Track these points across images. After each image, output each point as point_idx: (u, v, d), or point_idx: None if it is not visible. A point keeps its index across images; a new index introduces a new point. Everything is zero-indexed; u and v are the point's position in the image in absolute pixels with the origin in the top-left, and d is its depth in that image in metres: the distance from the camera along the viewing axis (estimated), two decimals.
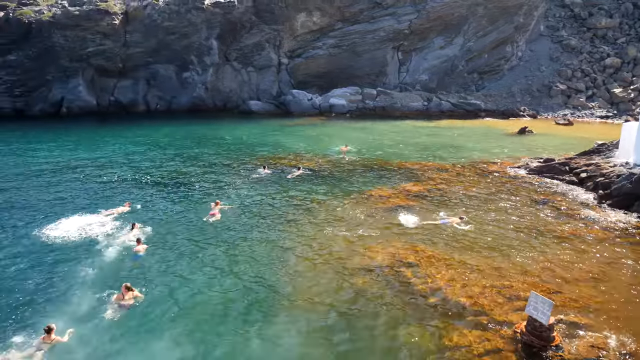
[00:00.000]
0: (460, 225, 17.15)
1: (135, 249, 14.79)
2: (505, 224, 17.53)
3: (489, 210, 19.07)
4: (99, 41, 53.87)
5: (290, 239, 16.08)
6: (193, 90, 59.13)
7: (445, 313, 11.38)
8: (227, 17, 57.65)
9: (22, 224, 17.40)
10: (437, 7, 61.30)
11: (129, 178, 24.71)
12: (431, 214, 18.50)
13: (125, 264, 14.17)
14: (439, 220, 17.73)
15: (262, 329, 10.84)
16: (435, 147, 34.17)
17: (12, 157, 29.67)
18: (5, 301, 11.98)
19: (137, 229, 16.52)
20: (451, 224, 17.29)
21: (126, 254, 14.79)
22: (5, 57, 52.20)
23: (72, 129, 43.03)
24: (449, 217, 17.98)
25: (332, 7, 60.83)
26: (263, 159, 29.47)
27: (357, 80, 62.31)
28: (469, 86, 64.25)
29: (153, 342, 10.40)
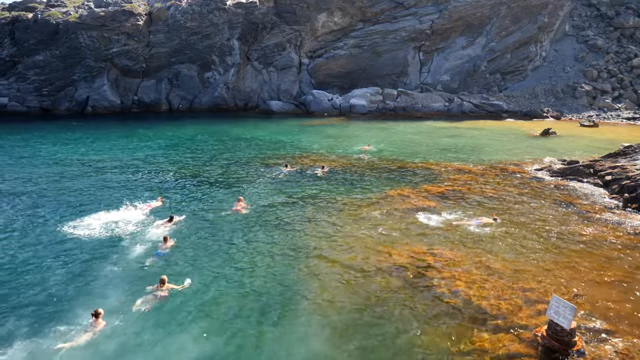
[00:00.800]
0: (493, 226, 17.01)
1: (161, 246, 15.12)
2: (527, 226, 17.30)
3: (511, 213, 18.84)
4: (124, 41, 54.84)
5: (309, 237, 16.14)
6: (214, 90, 59.73)
7: (464, 315, 11.30)
8: (249, 17, 58.10)
9: (59, 218, 17.91)
10: (459, 7, 60.79)
11: (156, 175, 25.25)
12: (456, 214, 18.36)
13: (154, 258, 14.51)
14: (471, 220, 17.60)
15: (282, 326, 10.92)
16: (456, 148, 33.88)
17: (46, 154, 30.45)
18: (49, 291, 12.46)
19: (174, 221, 17.28)
20: (484, 224, 17.15)
21: (156, 248, 15.18)
22: (33, 57, 53.55)
23: (99, 128, 43.88)
24: (481, 218, 17.84)
25: (353, 7, 60.81)
26: (284, 158, 29.64)
27: (377, 81, 62.15)
28: (491, 87, 63.50)
29: (179, 335, 10.61)
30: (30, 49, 53.40)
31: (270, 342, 10.40)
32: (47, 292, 12.46)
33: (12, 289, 12.67)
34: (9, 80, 53.75)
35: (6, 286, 12.80)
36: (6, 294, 12.40)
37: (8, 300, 12.04)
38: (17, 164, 27.70)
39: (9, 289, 12.64)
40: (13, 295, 12.30)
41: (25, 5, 57.41)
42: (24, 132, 40.16)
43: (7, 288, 12.70)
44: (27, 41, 53.24)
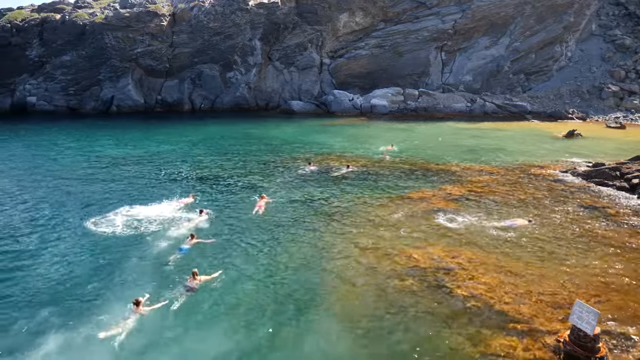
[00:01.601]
0: (516, 229, 16.85)
1: (187, 242, 15.50)
2: (550, 230, 17.06)
3: (534, 215, 18.59)
4: (148, 42, 55.70)
5: (330, 237, 16.21)
6: (236, 90, 60.22)
7: (485, 319, 11.22)
8: (271, 17, 58.42)
9: (93, 213, 18.48)
10: (482, 7, 60.08)
11: (180, 173, 25.78)
12: (478, 216, 18.20)
13: (178, 253, 14.88)
14: (505, 222, 17.45)
15: (302, 326, 11.01)
16: (478, 150, 33.52)
17: (77, 152, 31.17)
18: (85, 282, 13.03)
19: (204, 214, 18.00)
20: (518, 227, 17.01)
21: (183, 243, 15.58)
22: (61, 57, 54.80)
23: (124, 127, 44.69)
24: (516, 219, 17.69)
25: (375, 7, 60.64)
26: (306, 157, 29.77)
27: (399, 81, 61.84)
28: (514, 87, 62.58)
29: (206, 329, 10.90)
30: (57, 50, 54.67)
31: (290, 341, 10.49)
32: (83, 283, 12.95)
33: (50, 280, 13.13)
34: (38, 80, 55.12)
35: (44, 278, 13.25)
36: (46, 285, 12.87)
37: (48, 291, 12.50)
38: (48, 161, 28.42)
39: (47, 281, 13.10)
40: (54, 287, 12.77)
41: (54, 6, 58.75)
42: (53, 131, 41.16)
43: (45, 280, 13.16)
44: (55, 42, 54.51)
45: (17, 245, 15.47)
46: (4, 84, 54.58)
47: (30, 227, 17.15)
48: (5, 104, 54.69)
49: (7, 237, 16.18)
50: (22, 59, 54.24)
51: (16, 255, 14.82)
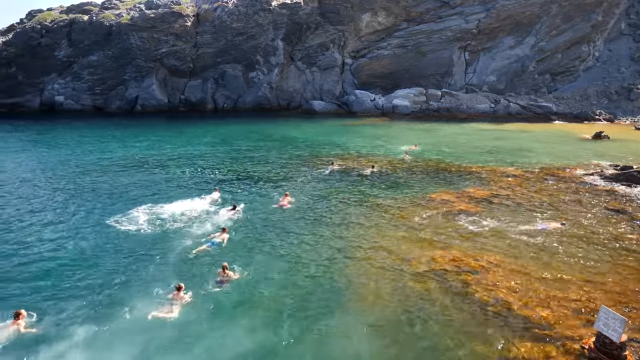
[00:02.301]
0: (539, 233, 16.60)
1: (217, 236, 15.87)
2: (576, 234, 16.74)
3: (559, 219, 18.26)
4: (172, 42, 56.45)
5: (351, 237, 16.21)
6: (258, 89, 60.61)
7: (506, 323, 11.07)
8: (293, 18, 58.62)
9: (120, 210, 18.92)
10: (507, 6, 59.23)
11: (205, 171, 26.18)
12: (502, 219, 17.97)
13: (209, 247, 15.22)
14: (537, 226, 17.22)
15: (323, 324, 11.03)
16: (501, 151, 33.06)
17: (104, 150, 31.85)
18: (121, 273, 13.47)
19: (236, 209, 18.56)
20: (542, 230, 16.77)
21: (213, 237, 15.95)
22: (88, 57, 55.96)
23: (149, 126, 45.44)
24: (549, 222, 17.44)
25: (397, 7, 60.34)
26: (328, 157, 29.83)
27: (421, 81, 61.41)
28: (539, 88, 61.53)
29: (232, 322, 11.15)
30: (85, 50, 55.83)
31: (310, 341, 10.52)
32: (118, 273, 13.45)
33: (86, 272, 13.58)
34: (66, 80, 56.39)
35: (78, 271, 13.67)
36: (88, 274, 13.40)
37: (93, 280, 13.08)
38: (75, 160, 29.06)
39: (90, 271, 13.59)
40: (92, 276, 13.32)
41: (82, 8, 60.01)
42: (80, 129, 42.10)
43: (80, 272, 13.58)
44: (82, 42, 55.67)
45: (54, 238, 15.88)
46: (34, 83, 55.98)
47: (64, 224, 17.58)
48: (35, 102, 56.10)
49: (44, 231, 16.62)
50: (50, 59, 55.56)
51: (54, 248, 15.29)
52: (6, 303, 11.61)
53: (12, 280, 13.01)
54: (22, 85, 55.71)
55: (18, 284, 12.79)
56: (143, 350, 9.97)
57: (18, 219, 17.89)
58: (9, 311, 10.87)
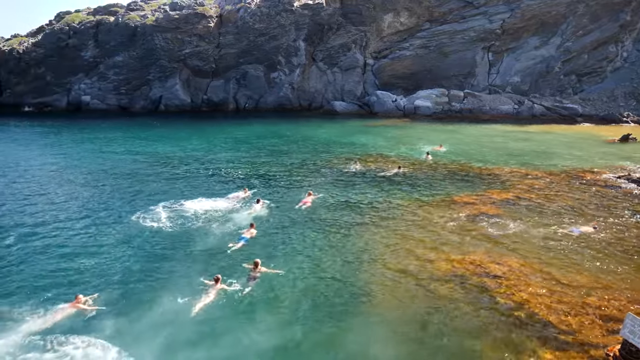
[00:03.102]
0: (564, 237, 16.36)
1: (246, 232, 16.25)
2: (601, 238, 16.42)
3: (584, 223, 17.93)
4: (195, 43, 57.13)
5: (372, 238, 16.20)
6: (280, 90, 60.90)
7: (529, 329, 10.93)
8: (315, 18, 58.73)
9: (149, 207, 19.39)
10: (533, 6, 58.29)
11: (230, 170, 26.64)
12: (525, 222, 17.74)
13: (240, 243, 15.60)
14: (570, 229, 16.97)
15: (343, 325, 11.08)
16: (525, 153, 32.58)
17: (129, 149, 32.49)
18: (156, 267, 14.00)
19: (260, 204, 19.28)
20: (578, 234, 16.53)
21: (242, 233, 16.35)
22: (113, 58, 57.03)
23: (173, 125, 46.10)
24: (580, 226, 17.19)
25: (420, 7, 59.95)
26: (349, 157, 29.88)
27: (443, 82, 60.88)
28: (565, 89, 60.39)
29: (258, 319, 11.38)
30: (110, 50, 56.90)
31: (330, 340, 10.57)
32: (150, 268, 13.93)
33: (129, 261, 14.23)
34: (92, 80, 57.56)
35: (125, 260, 14.36)
36: (129, 265, 14.02)
37: (135, 270, 13.74)
38: (103, 158, 29.69)
39: (130, 262, 14.22)
40: (134, 266, 13.95)
41: (108, 9, 61.18)
42: (106, 128, 42.96)
43: (127, 261, 14.27)
44: (108, 43, 56.76)
45: (90, 232, 16.31)
46: (61, 83, 57.30)
47: (99, 219, 18.09)
48: (62, 102, 57.41)
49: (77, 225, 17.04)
50: (78, 60, 56.78)
51: (97, 242, 15.86)
52: (60, 289, 12.52)
53: (63, 268, 13.76)
54: (50, 86, 57.10)
55: (68, 271, 13.55)
56: (184, 334, 10.57)
57: (59, 215, 18.47)
58: (69, 295, 11.92)
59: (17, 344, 9.96)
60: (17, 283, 12.83)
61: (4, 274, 13.34)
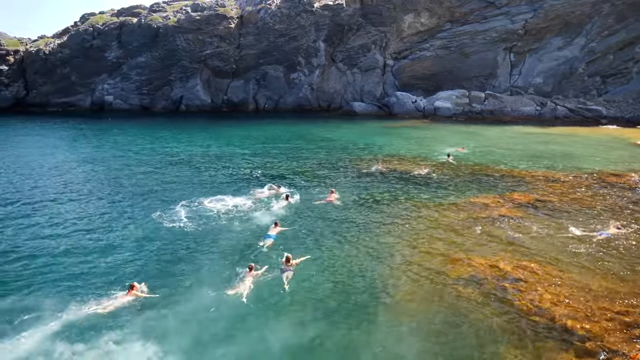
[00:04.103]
0: (586, 241, 16.06)
1: (272, 229, 16.50)
2: (629, 243, 16.06)
3: (608, 226, 17.56)
4: (216, 44, 57.69)
5: (391, 238, 16.16)
6: (299, 90, 61.10)
7: (549, 335, 10.76)
8: (335, 19, 58.76)
9: (175, 204, 19.74)
10: (556, 6, 57.34)
11: (253, 169, 26.98)
12: (551, 225, 17.48)
13: (266, 239, 15.88)
14: (596, 233, 16.69)
15: (363, 325, 11.07)
16: (547, 155, 32.07)
17: (154, 148, 33.02)
18: (191, 261, 14.38)
19: (289, 200, 19.79)
20: (604, 237, 16.25)
21: (268, 230, 16.67)
22: (136, 58, 57.93)
23: (194, 125, 46.64)
24: (606, 229, 16.89)
25: (441, 8, 59.51)
26: (369, 158, 29.87)
27: (464, 83, 60.34)
28: (589, 90, 59.25)
29: (284, 315, 11.57)
30: (133, 51, 57.83)
31: (347, 342, 10.58)
32: (191, 259, 14.40)
33: (163, 253, 14.71)
34: (115, 80, 58.57)
35: (159, 253, 14.80)
36: (163, 258, 14.49)
37: (172, 262, 14.24)
38: (129, 156, 30.20)
39: (165, 255, 14.72)
40: (170, 259, 14.44)
41: (131, 11, 62.18)
42: (130, 128, 43.66)
43: (161, 254, 14.72)
44: (131, 44, 57.69)
45: (117, 228, 16.63)
46: (85, 83, 58.43)
47: (129, 216, 18.45)
48: (86, 102, 58.56)
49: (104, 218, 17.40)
50: (101, 60, 57.86)
51: (139, 236, 16.30)
52: (108, 279, 13.18)
53: (107, 261, 14.31)
54: (74, 86, 58.28)
55: (110, 264, 14.05)
56: (215, 326, 10.95)
57: (90, 211, 18.95)
58: (124, 284, 12.51)
59: (77, 329, 10.64)
60: (66, 274, 13.50)
61: (53, 267, 13.89)
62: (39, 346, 9.93)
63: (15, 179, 24.40)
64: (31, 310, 11.23)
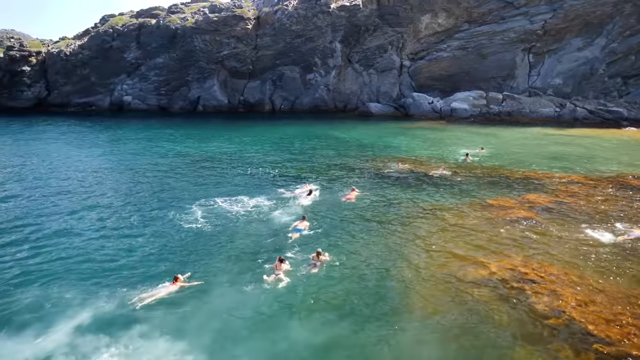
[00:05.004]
0: (606, 244, 15.80)
1: (299, 224, 16.91)
2: None
3: (632, 230, 17.26)
4: (233, 45, 58.08)
5: (409, 239, 16.11)
6: (315, 91, 61.18)
7: (567, 338, 10.62)
8: (352, 20, 58.73)
9: (206, 199, 20.38)
10: (576, 6, 56.51)
11: (274, 167, 27.39)
12: (570, 227, 17.25)
13: (295, 234, 16.31)
14: (629, 235, 16.45)
15: (378, 328, 11.06)
16: (565, 157, 31.64)
17: (175, 148, 33.43)
18: (225, 253, 14.90)
19: (312, 194, 20.47)
20: (624, 240, 16.00)
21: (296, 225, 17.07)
22: (154, 59, 58.60)
23: (212, 125, 47.03)
24: (633, 231, 16.63)
25: (459, 8, 59.08)
26: (387, 159, 29.82)
27: (481, 84, 59.82)
28: (610, 92, 58.27)
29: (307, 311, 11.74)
30: (152, 52, 58.52)
31: (362, 341, 10.58)
32: (224, 254, 14.87)
33: (198, 247, 15.18)
34: (133, 81, 59.32)
35: (188, 250, 15.17)
36: (199, 251, 14.91)
37: (207, 255, 14.81)
38: (153, 155, 30.59)
39: (200, 248, 15.20)
40: (205, 253, 14.93)
41: (150, 12, 62.92)
42: (149, 128, 44.21)
43: (197, 247, 15.21)
44: (149, 45, 58.38)
45: (148, 223, 16.89)
46: (104, 84, 59.30)
47: (156, 212, 18.83)
48: (105, 102, 59.41)
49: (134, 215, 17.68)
50: (121, 61, 58.66)
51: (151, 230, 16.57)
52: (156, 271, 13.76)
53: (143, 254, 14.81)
54: (94, 86, 59.18)
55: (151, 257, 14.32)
56: (246, 319, 11.31)
57: (119, 208, 19.30)
58: (170, 276, 13.02)
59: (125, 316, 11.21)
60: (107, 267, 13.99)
61: (85, 262, 14.33)
62: (73, 339, 10.28)
63: (43, 175, 25.27)
64: (65, 304, 11.68)
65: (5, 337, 10.41)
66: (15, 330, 10.59)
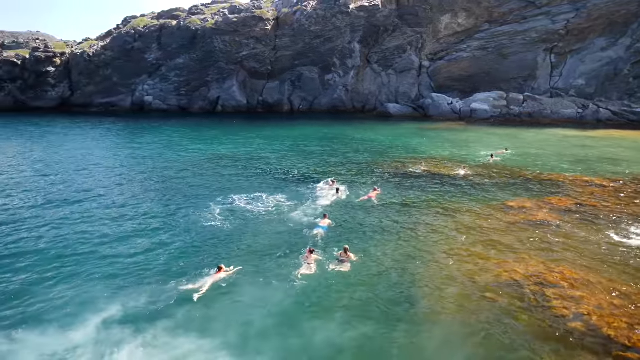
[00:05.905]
0: (627, 247, 15.54)
1: (321, 221, 17.16)
2: None
3: None
4: (252, 45, 58.46)
5: (429, 240, 16.05)
6: (334, 92, 61.22)
7: (588, 342, 10.48)
8: (371, 20, 58.62)
9: (230, 196, 20.78)
10: (600, 5, 55.46)
11: (294, 167, 27.44)
12: (591, 230, 17.00)
13: (318, 230, 16.55)
14: None
15: (406, 331, 11.05)
16: (589, 159, 31.11)
17: (196, 147, 33.87)
18: (250, 247, 15.32)
19: (339, 192, 20.96)
20: None
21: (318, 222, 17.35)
22: (175, 60, 59.33)
23: (232, 125, 47.44)
24: None
25: (479, 8, 58.51)
26: (407, 160, 29.74)
27: (502, 85, 59.14)
28: (634, 93, 56.98)
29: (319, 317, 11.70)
30: (172, 53, 59.25)
31: (386, 341, 10.60)
32: (258, 248, 15.23)
33: (229, 243, 15.45)
34: (154, 81, 60.13)
35: (227, 241, 15.70)
36: (230, 246, 15.25)
37: (241, 249, 15.18)
38: (174, 155, 31.05)
39: (230, 244, 15.55)
40: (238, 247, 15.38)
41: (171, 13, 63.72)
42: (171, 128, 44.79)
43: (227, 243, 15.55)
44: (170, 46, 59.12)
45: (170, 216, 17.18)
46: (126, 84, 60.24)
47: (182, 211, 19.09)
48: (127, 102, 60.35)
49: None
50: (142, 62, 59.52)
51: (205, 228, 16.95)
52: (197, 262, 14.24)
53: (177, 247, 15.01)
54: (116, 87, 60.18)
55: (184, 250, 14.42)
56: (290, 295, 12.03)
57: (147, 205, 19.63)
58: (213, 267, 13.53)
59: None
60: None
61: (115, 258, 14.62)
62: (100, 333, 10.55)
63: (72, 173, 25.99)
64: (94, 299, 11.97)
65: (34, 330, 10.66)
66: (44, 324, 10.86)
